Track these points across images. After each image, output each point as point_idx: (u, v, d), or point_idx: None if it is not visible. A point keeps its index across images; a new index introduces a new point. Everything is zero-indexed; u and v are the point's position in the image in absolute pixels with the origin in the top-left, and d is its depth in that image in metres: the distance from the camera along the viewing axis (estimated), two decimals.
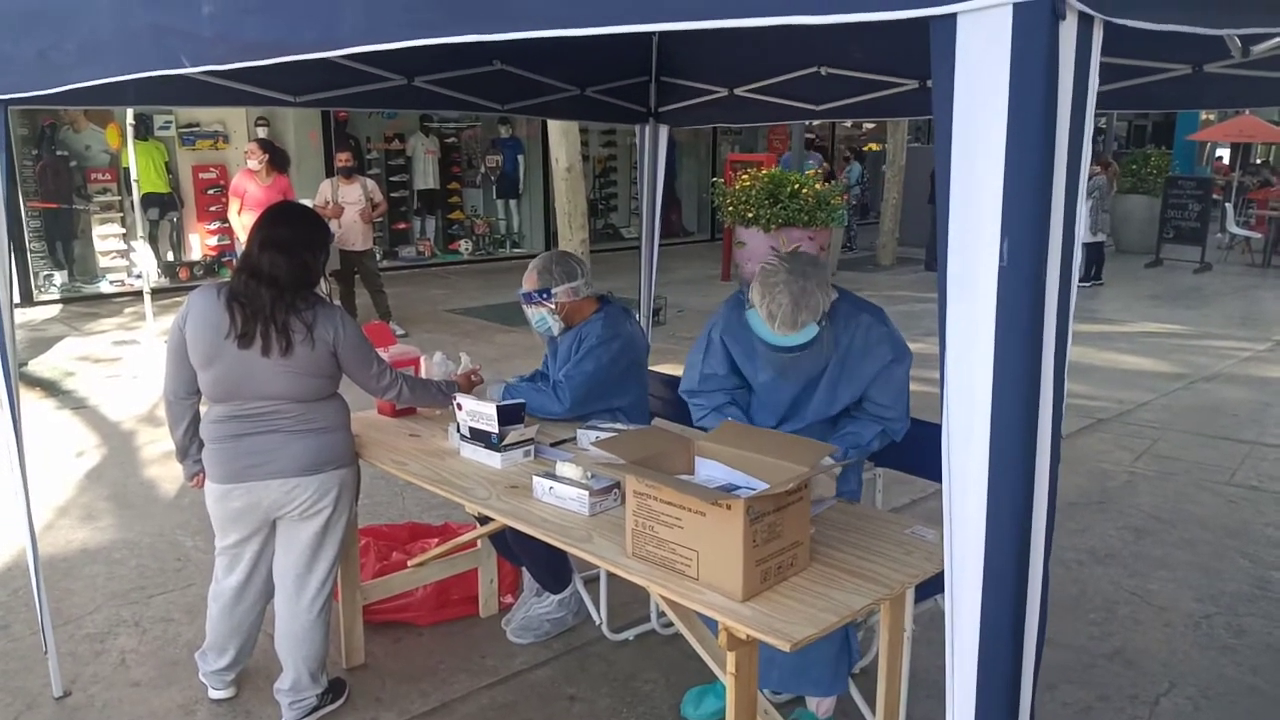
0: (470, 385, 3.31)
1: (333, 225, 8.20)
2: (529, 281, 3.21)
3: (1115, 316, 9.99)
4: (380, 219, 9.58)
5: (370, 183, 8.71)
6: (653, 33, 3.95)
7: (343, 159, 8.61)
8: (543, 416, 3.14)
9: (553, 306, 3.18)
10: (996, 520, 1.27)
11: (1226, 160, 21.36)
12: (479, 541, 3.50)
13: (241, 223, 7.86)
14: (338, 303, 7.22)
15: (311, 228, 2.80)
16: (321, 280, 2.83)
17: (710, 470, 2.34)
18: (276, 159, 8.07)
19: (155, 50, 1.96)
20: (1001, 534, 1.28)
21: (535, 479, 2.60)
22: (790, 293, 2.48)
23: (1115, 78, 3.21)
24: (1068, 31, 1.13)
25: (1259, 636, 3.54)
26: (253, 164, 8.11)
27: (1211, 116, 19.17)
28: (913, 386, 2.78)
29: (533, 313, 3.22)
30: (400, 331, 8.52)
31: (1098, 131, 17.99)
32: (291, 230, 2.73)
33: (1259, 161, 22.61)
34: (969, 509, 1.29)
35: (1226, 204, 15.18)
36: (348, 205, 8.29)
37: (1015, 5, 1.11)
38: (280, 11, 1.74)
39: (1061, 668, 3.29)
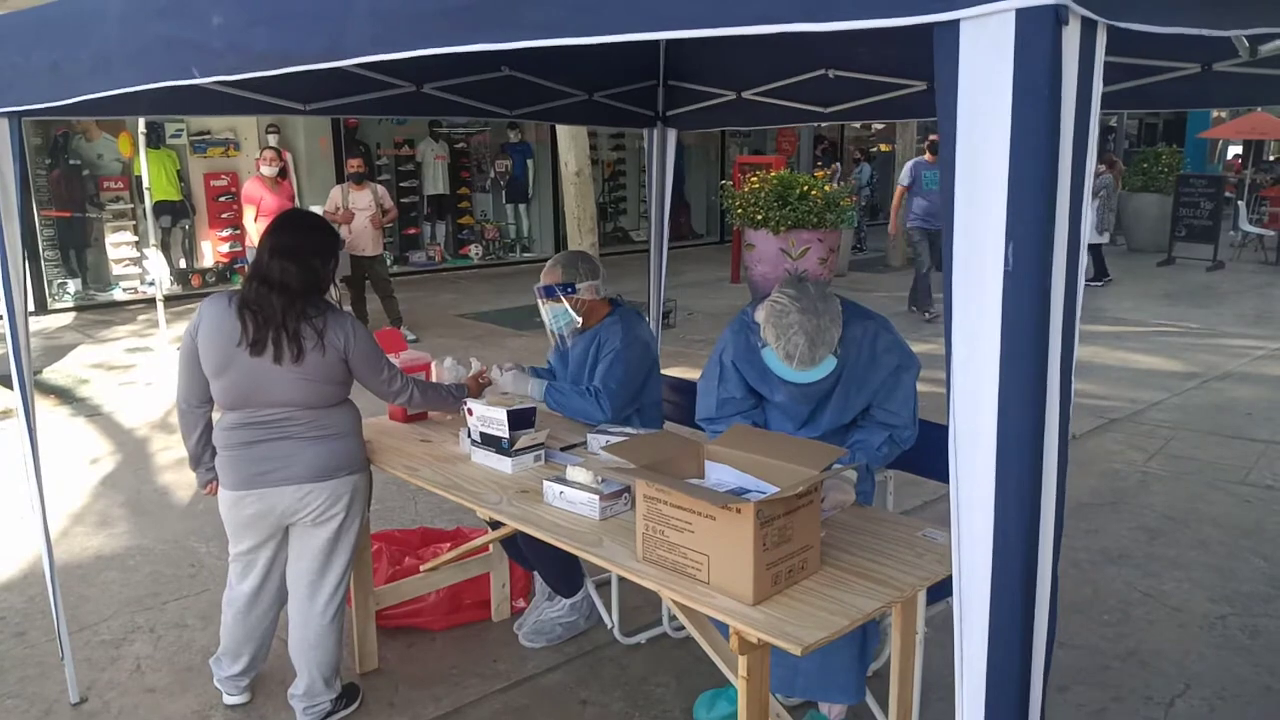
0: (479, 388, 3.32)
1: (343, 231, 8.25)
2: (551, 276, 3.20)
3: (1127, 315, 9.94)
4: (390, 225, 9.62)
5: (380, 188, 8.76)
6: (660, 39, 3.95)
7: (353, 165, 8.66)
8: (582, 420, 3.16)
9: (575, 302, 3.18)
10: (1004, 524, 1.27)
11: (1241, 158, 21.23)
12: (491, 546, 3.51)
13: (258, 229, 7.95)
14: (348, 309, 7.26)
15: (321, 235, 2.82)
16: (331, 287, 2.84)
17: (720, 474, 2.34)
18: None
19: (166, 61, 1.98)
20: (1009, 537, 1.28)
21: (546, 483, 2.61)
22: (806, 333, 2.48)
23: (1124, 77, 3.20)
24: (1071, 36, 1.13)
25: (1275, 637, 3.52)
26: (268, 170, 8.19)
27: (1223, 114, 19.06)
28: (923, 388, 2.78)
29: (553, 309, 3.21)
30: (411, 337, 8.55)
31: (1107, 130, 17.94)
32: (301, 237, 2.75)
33: (1272, 158, 22.47)
34: (976, 513, 1.29)
35: (1239, 202, 15.08)
36: (358, 211, 8.34)
37: (1018, 10, 1.11)
38: (289, 22, 1.75)
39: (1075, 669, 3.28)
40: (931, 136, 11.28)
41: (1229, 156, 22.41)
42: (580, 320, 3.21)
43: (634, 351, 3.15)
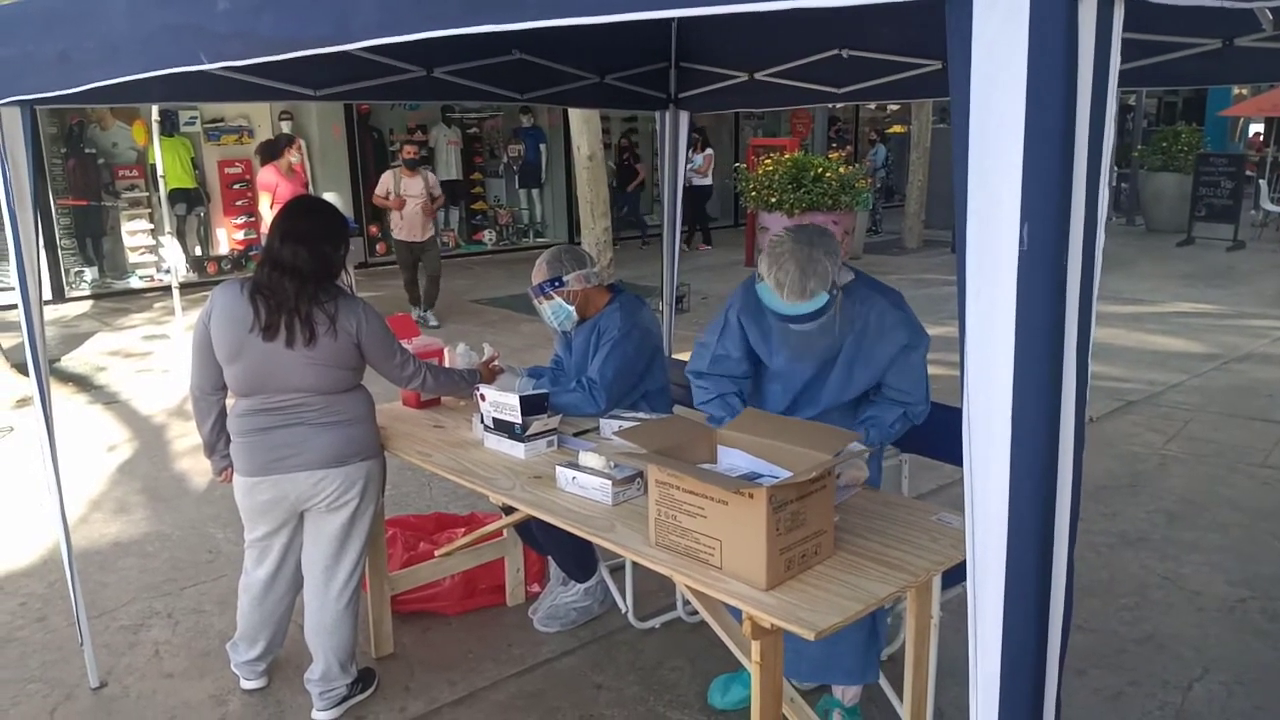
0: (491, 375, 3.31)
1: (395, 216, 8.33)
2: (539, 274, 3.20)
3: (1146, 296, 9.85)
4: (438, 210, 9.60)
5: (431, 175, 8.82)
6: (671, 18, 3.92)
7: (410, 152, 8.71)
8: (581, 416, 3.13)
9: (566, 295, 3.17)
10: (1019, 508, 1.25)
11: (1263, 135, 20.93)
12: (505, 531, 3.51)
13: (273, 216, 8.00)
14: (377, 294, 7.25)
15: (331, 220, 2.82)
16: (343, 273, 2.84)
17: (733, 459, 2.33)
18: (268, 149, 8.31)
19: (173, 47, 1.97)
20: (1024, 522, 1.26)
21: (558, 469, 2.60)
22: (797, 260, 2.47)
23: (1142, 54, 3.15)
24: (1088, 11, 1.10)
25: None
26: (293, 158, 8.24)
27: (1244, 91, 18.79)
28: (939, 370, 2.75)
29: (547, 306, 3.20)
30: (433, 323, 8.61)
31: (1125, 109, 17.71)
32: (311, 222, 2.75)
33: None
34: (991, 497, 1.27)
35: (1260, 180, 14.89)
36: (410, 198, 8.39)
37: None
38: (294, 6, 1.73)
39: (1092, 653, 3.26)
40: None
41: (1250, 134, 22.11)
42: (576, 312, 3.20)
43: (632, 340, 3.13)
